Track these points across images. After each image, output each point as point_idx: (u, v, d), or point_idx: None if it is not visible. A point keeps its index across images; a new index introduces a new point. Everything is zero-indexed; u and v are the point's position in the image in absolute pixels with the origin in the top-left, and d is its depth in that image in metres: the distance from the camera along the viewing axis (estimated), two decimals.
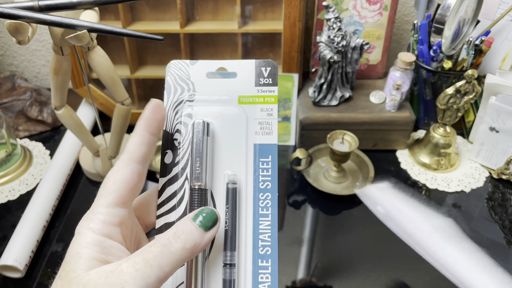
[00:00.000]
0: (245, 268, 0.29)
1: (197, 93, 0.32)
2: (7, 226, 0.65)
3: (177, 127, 0.31)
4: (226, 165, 0.31)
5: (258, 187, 0.30)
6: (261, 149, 0.31)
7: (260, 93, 0.32)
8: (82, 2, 0.50)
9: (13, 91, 0.84)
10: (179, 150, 0.31)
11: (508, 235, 0.64)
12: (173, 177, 0.30)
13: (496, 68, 0.80)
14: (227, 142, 0.31)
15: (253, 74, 0.33)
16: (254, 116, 0.31)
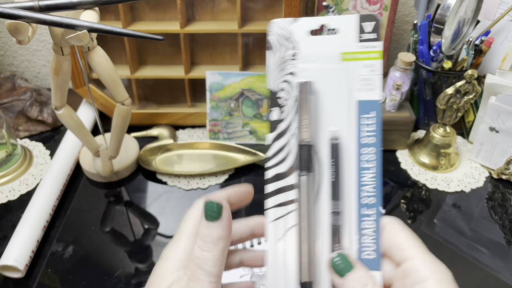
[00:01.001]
0: (350, 215, 0.31)
1: (300, 51, 0.32)
2: (7, 226, 0.65)
3: (281, 86, 0.32)
4: (330, 121, 0.32)
5: (360, 142, 0.31)
6: (364, 105, 0.32)
7: (363, 49, 0.32)
8: (82, 2, 0.50)
9: (13, 91, 0.84)
10: (284, 108, 0.32)
11: (508, 235, 0.64)
12: (280, 133, 0.32)
13: (496, 68, 0.80)
14: (330, 99, 0.32)
15: (356, 29, 0.32)
16: (357, 73, 0.32)
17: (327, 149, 0.32)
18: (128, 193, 0.71)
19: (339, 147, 0.31)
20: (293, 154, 0.32)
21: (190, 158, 0.76)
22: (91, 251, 0.62)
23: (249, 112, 0.81)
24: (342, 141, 0.32)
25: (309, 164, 0.31)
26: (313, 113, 0.32)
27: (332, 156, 0.31)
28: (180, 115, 0.84)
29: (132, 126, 0.74)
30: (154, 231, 0.65)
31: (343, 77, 0.32)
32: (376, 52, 0.32)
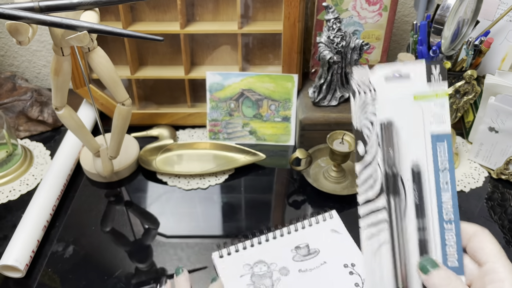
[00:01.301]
0: (434, 230, 0.36)
1: (378, 94, 0.38)
2: (7, 226, 0.65)
3: (365, 124, 0.38)
4: (410, 151, 0.37)
5: (438, 168, 0.37)
6: (437, 137, 0.38)
7: (431, 90, 0.37)
8: (82, 2, 0.50)
9: (13, 91, 0.85)
10: (368, 141, 0.37)
11: (507, 235, 0.64)
12: (367, 164, 0.37)
13: (496, 69, 0.80)
14: (408, 133, 0.37)
15: (424, 73, 0.38)
16: (428, 109, 0.37)
17: (409, 175, 0.37)
18: (128, 193, 0.72)
19: (420, 173, 0.37)
20: (379, 181, 0.37)
21: (190, 158, 0.77)
22: (92, 251, 0.62)
23: (249, 112, 0.81)
24: (421, 168, 0.37)
25: (396, 188, 0.37)
26: (396, 145, 0.38)
27: (414, 181, 0.37)
28: (180, 115, 0.84)
29: (132, 126, 0.74)
30: (154, 231, 0.65)
31: (417, 114, 0.38)
32: (443, 92, 0.38)
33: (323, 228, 0.59)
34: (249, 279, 0.54)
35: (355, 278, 0.53)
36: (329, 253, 0.56)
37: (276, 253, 0.57)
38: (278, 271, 0.54)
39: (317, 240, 0.58)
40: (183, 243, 0.63)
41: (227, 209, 0.68)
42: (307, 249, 0.57)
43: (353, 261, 0.54)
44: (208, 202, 0.70)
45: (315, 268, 0.55)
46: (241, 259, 0.56)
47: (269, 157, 0.77)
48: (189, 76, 0.81)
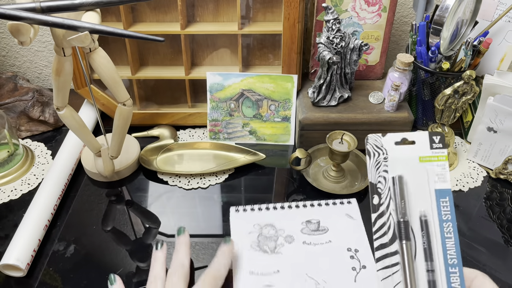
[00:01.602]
0: (440, 272, 0.41)
1: (389, 155, 0.46)
2: (9, 225, 0.66)
3: (379, 179, 0.46)
4: (417, 204, 0.45)
5: (442, 219, 0.44)
6: (440, 192, 0.45)
7: (434, 154, 0.46)
8: (83, 3, 0.50)
9: (15, 91, 0.85)
10: (382, 194, 0.45)
11: (506, 234, 0.65)
12: (380, 213, 0.44)
13: (494, 69, 0.81)
14: (415, 188, 0.45)
15: (428, 141, 0.47)
16: (432, 170, 0.45)
17: (418, 223, 0.44)
18: (129, 193, 0.72)
19: (427, 222, 0.44)
20: (392, 228, 0.44)
21: (191, 158, 0.77)
22: (93, 250, 0.62)
23: (249, 112, 0.81)
24: (428, 218, 0.44)
25: (407, 235, 0.43)
26: (406, 197, 0.45)
27: (422, 228, 0.44)
28: (180, 116, 0.85)
29: (133, 126, 0.75)
30: (155, 230, 0.65)
31: (422, 173, 0.46)
32: (443, 156, 0.46)
33: (338, 211, 0.60)
34: (256, 238, 0.57)
35: (354, 263, 0.54)
36: (337, 234, 0.58)
37: (287, 221, 0.59)
38: (283, 238, 0.57)
39: (329, 219, 0.59)
40: None
41: (227, 208, 0.69)
42: (317, 225, 0.59)
43: (358, 247, 0.56)
44: (208, 201, 0.70)
45: (319, 244, 0.56)
46: (254, 218, 0.59)
47: (269, 157, 0.78)
48: (189, 77, 0.82)
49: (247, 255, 0.55)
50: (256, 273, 0.53)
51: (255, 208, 0.61)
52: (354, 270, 0.54)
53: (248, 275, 0.53)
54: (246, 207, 0.60)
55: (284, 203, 0.61)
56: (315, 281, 0.52)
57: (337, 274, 0.53)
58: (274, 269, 0.53)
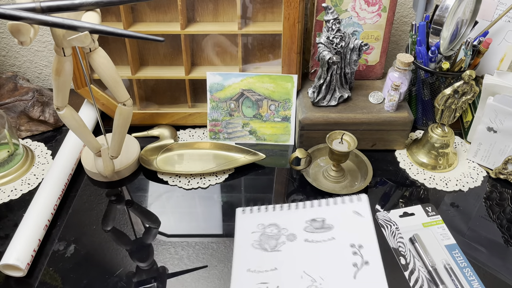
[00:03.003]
0: None
1: (398, 225, 0.62)
2: (9, 225, 0.66)
3: (398, 244, 0.59)
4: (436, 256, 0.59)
5: (460, 266, 0.57)
6: (449, 247, 0.60)
7: (431, 220, 0.65)
8: (83, 3, 0.50)
9: (15, 91, 0.85)
10: (406, 255, 0.59)
11: (506, 234, 0.65)
12: (411, 270, 0.57)
13: (494, 69, 0.81)
14: (429, 245, 0.60)
15: (423, 211, 0.66)
16: (436, 231, 0.62)
17: (444, 271, 0.57)
18: (129, 193, 0.72)
19: (453, 269, 0.57)
20: (425, 279, 0.56)
21: (191, 158, 0.77)
22: (93, 250, 0.62)
23: (249, 112, 0.81)
24: (452, 265, 0.58)
25: (441, 279, 0.56)
26: (428, 251, 0.59)
27: (450, 275, 0.56)
28: (180, 115, 0.85)
29: (133, 126, 0.75)
30: (155, 230, 0.65)
31: (430, 234, 0.62)
32: (440, 220, 0.65)
33: (346, 209, 0.60)
34: (258, 237, 0.57)
35: (356, 259, 0.54)
36: (342, 231, 0.57)
37: (291, 221, 0.59)
38: (285, 236, 0.57)
39: (335, 217, 0.59)
40: (183, 242, 0.63)
41: (227, 208, 0.69)
42: (321, 223, 0.59)
43: (362, 243, 0.56)
44: (208, 201, 0.70)
45: (321, 241, 0.56)
46: (258, 218, 0.60)
47: (269, 156, 0.78)
48: (189, 77, 0.82)
49: (247, 253, 0.56)
50: (253, 271, 0.54)
51: (261, 209, 0.62)
52: (355, 267, 0.53)
53: (245, 272, 0.54)
54: (252, 208, 0.61)
55: (291, 204, 0.62)
56: (311, 278, 0.52)
57: (336, 270, 0.53)
58: (272, 267, 0.54)
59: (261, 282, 0.52)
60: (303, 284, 0.52)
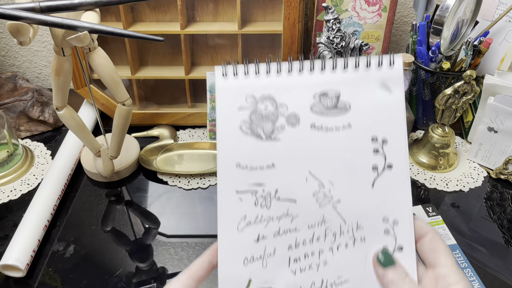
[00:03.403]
0: None
1: None
2: (8, 225, 0.66)
3: None
4: None
5: (461, 267, 0.56)
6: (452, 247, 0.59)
7: (432, 220, 0.64)
8: (83, 3, 0.50)
9: (14, 91, 0.85)
10: None
11: (507, 235, 0.64)
12: None
13: (495, 69, 0.81)
14: None
15: (424, 212, 0.66)
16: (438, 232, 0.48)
17: None
18: (129, 193, 0.72)
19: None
20: None
21: (191, 158, 0.77)
22: (92, 250, 0.62)
23: None
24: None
25: None
26: None
27: None
28: (180, 115, 0.84)
29: (133, 126, 0.75)
30: (154, 231, 0.65)
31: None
32: (440, 221, 0.65)
33: (371, 78, 0.40)
34: (248, 116, 0.42)
35: (376, 160, 0.40)
36: (362, 115, 0.40)
37: (293, 93, 0.42)
38: (285, 117, 0.41)
39: (355, 92, 0.40)
40: (183, 242, 0.63)
41: None
42: (335, 100, 0.41)
43: (387, 137, 0.40)
44: (208, 201, 0.70)
45: (333, 129, 0.40)
46: (247, 86, 0.43)
47: None
48: (189, 76, 0.82)
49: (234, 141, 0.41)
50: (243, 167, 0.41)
51: (249, 71, 0.43)
52: (374, 171, 0.40)
53: (234, 168, 0.40)
54: (238, 69, 0.42)
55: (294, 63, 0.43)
56: (319, 182, 0.40)
57: (350, 174, 0.40)
58: (268, 162, 0.41)
59: (254, 182, 0.40)
60: (308, 189, 0.40)
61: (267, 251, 0.40)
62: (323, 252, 0.39)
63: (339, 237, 0.39)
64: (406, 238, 0.38)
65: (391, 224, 0.39)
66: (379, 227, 0.39)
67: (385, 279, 0.36)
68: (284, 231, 0.40)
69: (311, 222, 0.40)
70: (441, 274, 0.35)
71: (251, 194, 0.40)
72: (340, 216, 0.40)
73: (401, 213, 0.39)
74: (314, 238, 0.40)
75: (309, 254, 0.39)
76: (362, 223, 0.39)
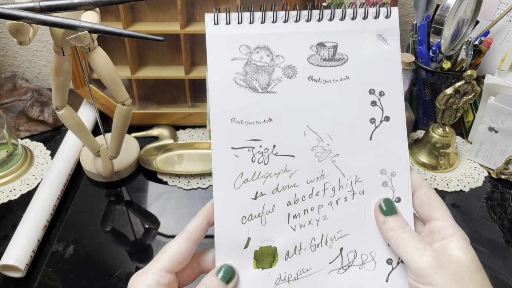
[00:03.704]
0: None
1: None
2: (8, 225, 0.65)
3: None
4: None
5: None
6: None
7: None
8: (83, 3, 0.50)
9: (14, 91, 0.85)
10: None
11: (507, 235, 0.64)
12: None
13: (495, 69, 0.81)
14: None
15: None
16: None
17: None
18: (129, 193, 0.72)
19: None
20: None
21: (190, 158, 0.77)
22: (92, 250, 0.62)
23: None
24: None
25: None
26: None
27: None
28: (180, 115, 0.84)
29: (133, 126, 0.75)
30: (154, 231, 0.65)
31: None
32: None
33: (368, 29, 0.40)
34: (242, 67, 0.40)
35: (374, 112, 0.39)
36: (359, 66, 0.40)
37: (290, 43, 0.40)
38: (282, 69, 0.40)
39: (352, 43, 0.40)
40: None
41: None
42: (332, 51, 0.40)
43: (384, 89, 0.40)
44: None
45: (331, 81, 0.40)
46: (241, 36, 0.41)
47: None
48: (189, 76, 0.81)
49: (228, 94, 0.39)
50: (239, 121, 0.39)
51: (243, 20, 0.42)
52: (372, 123, 0.39)
53: (229, 123, 0.39)
54: (230, 16, 0.42)
55: (290, 12, 0.41)
56: (318, 136, 0.39)
57: (348, 127, 0.39)
58: (265, 117, 0.39)
59: (251, 138, 0.39)
60: (307, 143, 0.39)
61: (266, 208, 0.39)
62: (322, 207, 0.39)
63: (338, 191, 0.39)
64: (404, 189, 0.39)
65: (389, 176, 0.39)
66: (377, 180, 0.39)
67: (386, 226, 0.37)
68: (282, 187, 0.39)
69: (310, 177, 0.39)
70: (437, 227, 0.36)
71: (247, 150, 0.39)
72: (339, 169, 0.39)
73: (398, 165, 0.39)
74: (313, 193, 0.39)
75: (308, 209, 0.39)
76: (361, 176, 0.39)
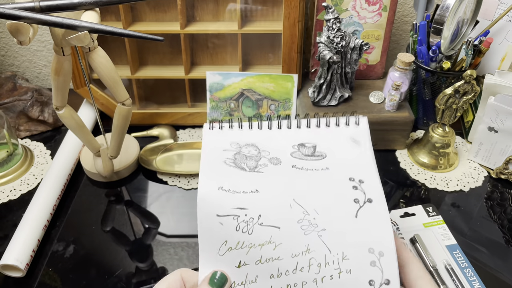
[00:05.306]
0: None
1: (399, 225, 0.63)
2: (8, 225, 0.66)
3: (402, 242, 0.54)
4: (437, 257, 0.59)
5: (461, 266, 0.57)
6: (450, 247, 0.60)
7: (432, 220, 0.64)
8: (83, 2, 0.50)
9: (14, 91, 0.85)
10: None
11: (507, 235, 0.64)
12: None
13: (495, 68, 0.81)
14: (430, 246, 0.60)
15: (424, 211, 0.66)
16: (436, 231, 0.63)
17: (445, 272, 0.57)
18: (129, 193, 0.72)
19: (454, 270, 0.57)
20: None
21: (190, 158, 0.77)
22: (92, 250, 0.62)
23: (249, 112, 0.81)
24: (452, 266, 0.58)
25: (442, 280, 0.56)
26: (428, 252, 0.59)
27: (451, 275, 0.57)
28: (180, 115, 0.84)
29: (133, 126, 0.75)
30: (154, 231, 0.65)
31: (430, 234, 0.62)
32: (441, 221, 0.64)
33: (341, 134, 0.46)
34: (232, 155, 0.43)
35: (357, 194, 0.42)
36: (337, 162, 0.44)
37: (274, 143, 0.45)
38: (268, 159, 0.43)
39: (329, 145, 0.45)
40: (183, 242, 0.63)
41: None
42: (312, 150, 0.45)
43: (363, 178, 0.43)
44: None
45: (313, 169, 0.43)
46: (232, 136, 0.46)
47: None
48: (189, 76, 0.81)
49: (217, 169, 0.41)
50: (226, 190, 0.40)
51: (234, 126, 0.46)
52: (356, 203, 0.41)
53: (216, 191, 0.40)
54: (222, 124, 0.46)
55: (273, 121, 0.47)
56: (304, 210, 0.40)
57: (334, 205, 0.41)
58: (252, 188, 0.40)
59: (237, 206, 0.39)
60: (293, 215, 0.39)
61: (249, 278, 0.38)
62: (306, 283, 0.37)
63: (324, 268, 0.37)
64: (392, 271, 0.37)
65: (377, 255, 0.38)
66: (365, 258, 0.38)
67: None
68: (266, 259, 0.38)
69: (295, 251, 0.38)
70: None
71: (232, 218, 0.38)
72: (325, 245, 0.38)
73: (385, 245, 0.38)
74: (298, 268, 0.38)
75: (291, 285, 0.37)
76: (348, 254, 0.38)
